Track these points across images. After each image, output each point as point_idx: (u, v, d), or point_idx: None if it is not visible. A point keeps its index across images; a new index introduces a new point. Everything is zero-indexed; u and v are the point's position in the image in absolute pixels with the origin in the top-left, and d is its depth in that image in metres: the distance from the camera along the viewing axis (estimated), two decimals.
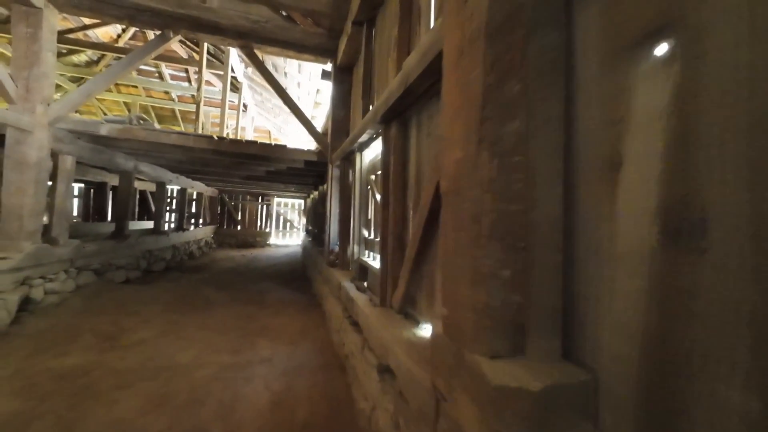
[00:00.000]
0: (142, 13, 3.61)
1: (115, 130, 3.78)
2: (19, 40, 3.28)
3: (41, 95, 3.37)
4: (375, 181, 2.88)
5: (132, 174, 5.45)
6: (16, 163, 3.23)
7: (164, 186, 6.80)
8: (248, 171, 6.24)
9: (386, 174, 2.14)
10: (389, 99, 1.91)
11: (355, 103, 3.95)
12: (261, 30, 3.85)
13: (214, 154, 4.44)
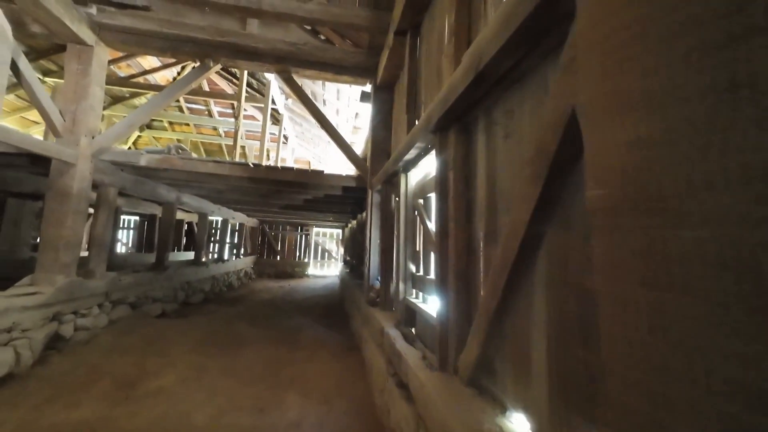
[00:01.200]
0: (184, 44, 3.61)
1: (154, 160, 3.72)
2: (70, 76, 3.37)
3: (87, 127, 3.38)
4: (424, 206, 2.41)
5: (174, 205, 5.48)
6: (57, 194, 3.20)
7: (206, 217, 6.85)
8: (286, 200, 6.09)
9: (443, 194, 1.68)
10: (449, 97, 1.48)
11: (397, 121, 3.61)
12: (299, 53, 3.71)
13: (251, 181, 4.26)
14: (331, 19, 3.13)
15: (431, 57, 2.40)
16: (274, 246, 12.27)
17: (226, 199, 6.88)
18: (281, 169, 4.01)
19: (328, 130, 4.05)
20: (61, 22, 3.04)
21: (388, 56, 3.25)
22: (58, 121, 3.24)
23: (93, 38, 3.40)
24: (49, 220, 3.16)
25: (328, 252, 12.99)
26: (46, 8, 2.86)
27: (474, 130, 1.58)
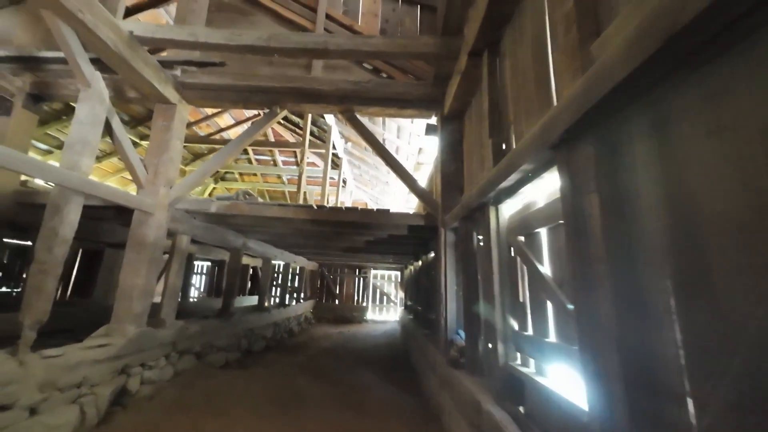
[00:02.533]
0: (254, 94, 3.73)
1: (223, 207, 3.75)
2: (155, 132, 3.60)
3: (166, 178, 3.52)
4: (528, 244, 1.92)
5: (241, 251, 5.55)
6: (135, 243, 3.27)
7: (269, 262, 6.91)
8: (347, 242, 5.89)
9: (577, 227, 1.20)
10: (587, 96, 1.06)
11: (469, 151, 3.24)
12: (362, 90, 3.63)
13: (313, 224, 4.11)
14: (397, 50, 2.99)
15: (522, 69, 2.03)
16: (332, 289, 12.12)
17: (288, 243, 6.92)
18: (344, 210, 3.80)
19: (394, 167, 3.80)
20: (152, 85, 3.29)
21: (458, 82, 2.98)
22: (141, 174, 3.41)
23: (177, 97, 3.64)
24: (126, 269, 3.21)
25: (386, 295, 12.47)
26: (141, 74, 3.10)
27: (623, 137, 1.13)
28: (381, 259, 9.29)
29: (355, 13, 4.26)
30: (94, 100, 2.82)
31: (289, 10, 4.14)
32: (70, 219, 2.57)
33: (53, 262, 2.48)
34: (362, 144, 6.92)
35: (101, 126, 2.91)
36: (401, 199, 8.81)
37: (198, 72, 3.67)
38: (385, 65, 4.00)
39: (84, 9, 2.49)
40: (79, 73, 2.72)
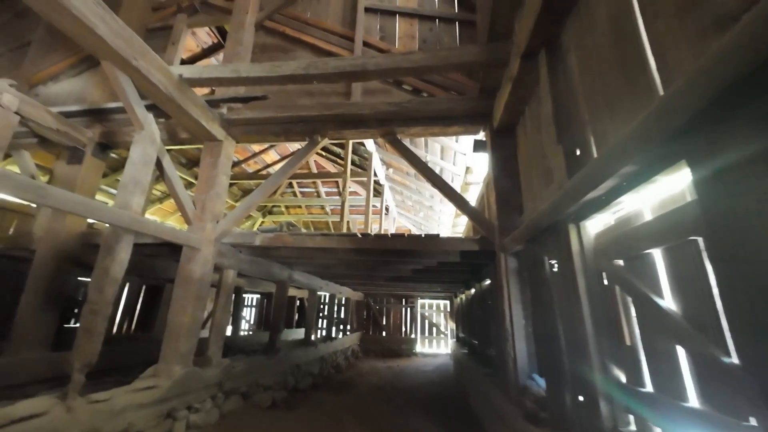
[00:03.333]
0: (295, 125, 3.73)
1: (267, 239, 3.67)
2: (203, 168, 3.69)
3: (212, 213, 3.54)
4: (632, 270, 1.49)
5: (286, 283, 5.47)
6: (182, 279, 3.26)
7: (315, 293, 6.77)
8: (393, 271, 5.58)
9: (736, 242, 0.81)
10: None
11: (527, 165, 2.88)
12: (403, 111, 3.46)
13: (358, 253, 3.89)
14: (440, 63, 2.79)
15: (597, 59, 1.70)
16: (379, 321, 11.70)
17: (333, 274, 6.77)
18: (390, 238, 3.55)
19: (441, 188, 3.52)
20: (200, 124, 3.40)
21: (510, 91, 2.68)
22: (190, 210, 3.46)
23: (223, 134, 3.74)
24: (174, 306, 3.18)
25: (435, 327, 11.76)
26: (190, 114, 3.21)
27: None
28: (429, 288, 8.80)
29: (391, 37, 4.22)
30: (147, 142, 2.91)
31: (327, 43, 4.20)
32: (121, 258, 2.59)
33: (103, 301, 2.47)
34: (404, 168, 6.77)
35: (152, 165, 2.99)
36: (447, 224, 8.43)
37: (242, 108, 3.76)
38: (425, 84, 3.84)
39: (138, 57, 2.62)
40: (134, 116, 2.84)
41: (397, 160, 6.42)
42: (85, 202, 2.23)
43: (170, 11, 4.86)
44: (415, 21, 4.23)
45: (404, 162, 6.51)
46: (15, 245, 4.11)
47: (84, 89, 4.54)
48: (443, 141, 4.95)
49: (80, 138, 3.98)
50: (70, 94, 4.58)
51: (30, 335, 3.52)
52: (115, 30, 2.42)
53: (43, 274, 3.67)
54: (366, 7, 4.31)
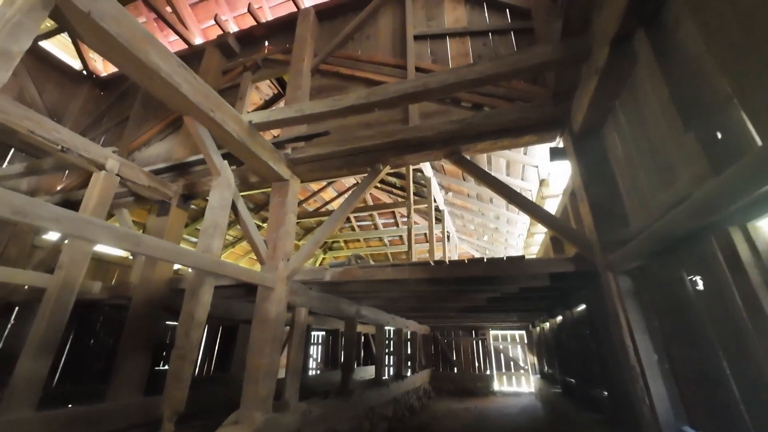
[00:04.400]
0: (357, 156, 3.71)
1: (336, 274, 3.58)
2: (273, 208, 3.79)
3: (283, 251, 3.56)
4: None
5: (355, 319, 5.30)
6: (259, 320, 3.24)
7: (383, 329, 6.50)
8: (465, 301, 5.16)
9: None
10: None
11: (628, 166, 2.45)
12: (467, 128, 3.26)
13: (430, 283, 3.61)
14: (509, 69, 2.58)
15: (736, 12, 1.36)
16: (449, 356, 10.91)
17: (399, 307, 6.48)
18: (467, 264, 3.23)
19: (520, 203, 3.17)
20: (268, 166, 3.52)
21: (596, 86, 2.36)
22: (263, 250, 3.52)
23: (288, 173, 3.85)
24: (252, 348, 3.14)
25: (513, 361, 10.62)
26: (259, 157, 3.35)
27: None
28: (503, 318, 8.04)
29: (444, 59, 4.15)
30: (223, 187, 3.05)
31: (380, 74, 4.25)
32: (204, 301, 2.62)
33: (190, 346, 2.48)
34: (465, 190, 6.47)
35: (228, 209, 3.10)
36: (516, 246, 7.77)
37: (305, 146, 3.86)
38: (486, 98, 3.63)
39: (214, 109, 2.80)
40: (211, 164, 3.00)
41: (457, 183, 6.17)
42: (172, 247, 2.30)
43: (237, 72, 5.38)
44: (467, 39, 4.13)
45: (465, 184, 6.23)
46: (116, 294, 4.52)
47: (169, 149, 5.09)
48: (509, 155, 4.62)
49: (167, 192, 4.38)
50: (158, 155, 5.17)
51: (126, 379, 3.71)
52: (195, 87, 2.62)
53: (137, 320, 3.93)
54: (415, 35, 4.34)
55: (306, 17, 5.01)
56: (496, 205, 6.22)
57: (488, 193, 5.87)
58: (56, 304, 3.22)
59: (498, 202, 6.10)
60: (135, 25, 2.21)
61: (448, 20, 4.33)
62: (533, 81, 3.58)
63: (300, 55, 4.68)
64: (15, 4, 1.74)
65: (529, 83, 3.58)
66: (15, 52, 1.71)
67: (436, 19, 4.42)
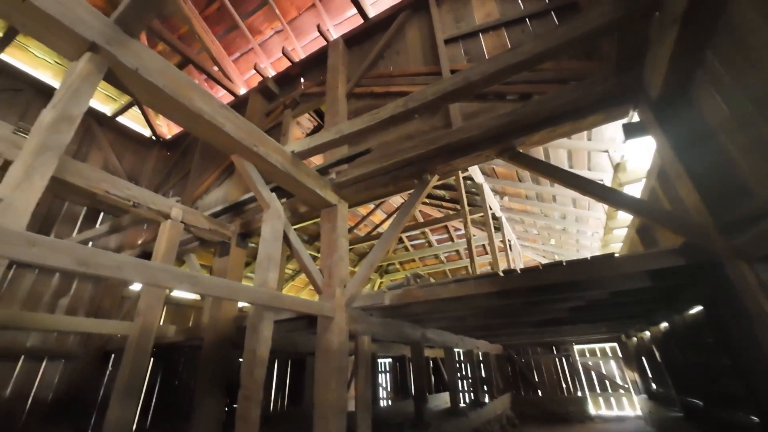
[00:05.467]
0: (402, 169, 3.56)
1: (396, 297, 3.35)
2: (324, 235, 3.73)
3: (339, 278, 3.44)
4: None
5: (421, 343, 4.97)
6: (322, 352, 3.10)
7: (452, 352, 6.04)
8: (543, 313, 4.58)
9: None
10: None
11: (743, 127, 1.95)
12: (519, 118, 2.95)
13: (501, 297, 3.22)
14: (559, 42, 2.27)
15: None
16: (529, 377, 9.85)
17: (467, 327, 5.99)
18: (542, 270, 2.81)
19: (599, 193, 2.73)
20: (315, 192, 3.50)
21: (677, 36, 1.95)
22: (318, 278, 3.43)
23: (336, 198, 3.79)
24: (318, 383, 2.99)
25: (608, 379, 9.24)
26: (305, 185, 3.34)
27: None
28: (589, 330, 7.07)
29: (480, 56, 3.91)
30: (274, 219, 3.05)
31: (414, 85, 4.13)
32: (265, 336, 2.55)
33: (255, 386, 2.39)
34: (522, 192, 5.97)
35: (281, 240, 3.08)
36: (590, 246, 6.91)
37: (349, 168, 3.80)
38: (533, 86, 3.30)
39: (258, 143, 2.85)
40: (260, 198, 3.03)
41: (512, 185, 5.70)
42: (227, 284, 2.27)
43: (278, 111, 5.64)
44: (501, 31, 3.87)
45: (521, 185, 5.74)
46: (190, 336, 4.73)
47: (226, 193, 5.40)
48: (570, 144, 4.14)
49: (226, 232, 4.58)
50: (217, 200, 5.50)
51: (204, 418, 3.76)
52: (237, 125, 2.68)
53: (209, 360, 4.02)
54: (445, 39, 4.19)
55: (335, 48, 5.14)
56: (560, 203, 5.61)
57: (550, 191, 5.32)
58: (137, 349, 3.39)
59: (562, 200, 5.49)
60: (178, 75, 2.32)
61: (478, 17, 4.12)
62: (586, 57, 3.19)
63: (334, 84, 4.76)
64: (75, 72, 1.89)
65: (581, 60, 3.19)
66: (76, 114, 1.83)
67: (466, 20, 4.24)
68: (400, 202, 10.25)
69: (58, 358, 5.30)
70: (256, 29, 6.70)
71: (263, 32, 6.74)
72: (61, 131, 1.73)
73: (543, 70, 3.28)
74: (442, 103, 2.82)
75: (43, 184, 1.65)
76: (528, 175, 5.37)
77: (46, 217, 5.79)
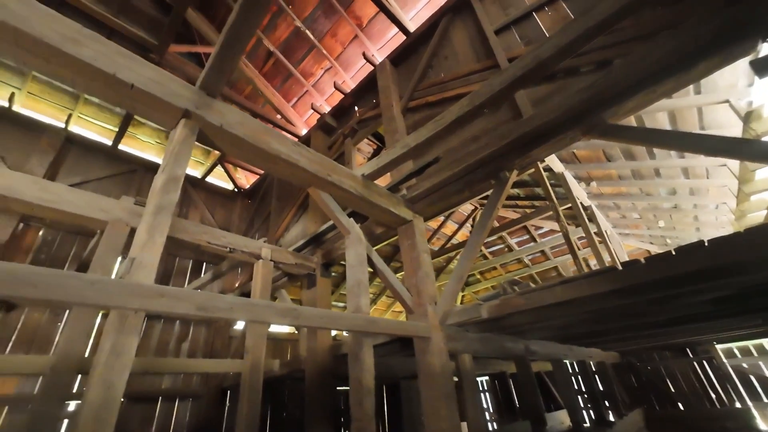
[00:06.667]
0: (475, 172, 3.35)
1: (494, 308, 3.07)
2: (404, 253, 3.64)
3: (428, 295, 3.30)
4: None
5: (525, 358, 4.50)
6: (425, 377, 2.93)
7: (562, 364, 5.36)
8: (674, 309, 3.83)
9: None
10: None
11: None
12: (603, 89, 2.57)
13: (621, 295, 2.73)
14: None
15: None
16: (662, 388, 8.30)
17: (574, 335, 5.29)
18: (676, 255, 2.32)
19: (726, 148, 2.21)
20: (389, 211, 3.47)
21: None
22: (407, 298, 3.32)
23: (410, 214, 3.71)
24: (427, 412, 2.80)
25: None
26: (379, 205, 3.34)
27: None
28: (734, 325, 5.74)
29: (538, 37, 3.62)
30: (355, 243, 3.06)
31: (470, 84, 3.96)
32: (368, 364, 2.49)
33: (366, 417, 2.31)
34: (613, 173, 5.24)
35: (366, 264, 3.07)
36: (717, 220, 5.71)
37: (419, 182, 3.71)
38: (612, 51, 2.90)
39: (331, 172, 2.92)
40: (339, 224, 3.08)
41: (600, 167, 5.04)
42: (327, 314, 2.28)
43: (339, 142, 5.87)
44: (559, 3, 3.55)
45: (611, 165, 5.05)
46: (292, 368, 4.92)
47: (304, 228, 5.70)
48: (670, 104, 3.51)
49: (311, 264, 4.78)
50: (297, 235, 5.82)
51: None
52: (310, 159, 2.79)
53: (313, 391, 4.10)
54: (495, 30, 3.98)
55: (383, 69, 5.25)
56: (666, 177, 4.76)
57: (650, 165, 4.55)
58: (251, 385, 3.60)
59: (669, 173, 4.64)
60: (255, 124, 2.50)
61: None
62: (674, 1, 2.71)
63: (388, 103, 4.82)
64: (174, 138, 2.13)
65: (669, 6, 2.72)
66: (179, 175, 2.05)
67: (514, 5, 4.00)
68: (470, 209, 9.84)
69: (187, 397, 5.93)
70: (308, 72, 7.22)
71: (314, 74, 7.23)
72: (170, 191, 1.93)
73: (621, 30, 2.88)
74: (509, 92, 2.60)
75: (163, 241, 1.83)
76: (618, 152, 4.70)
77: (164, 273, 6.71)
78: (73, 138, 6.29)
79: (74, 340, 2.78)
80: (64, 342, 2.80)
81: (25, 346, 4.81)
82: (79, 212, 3.04)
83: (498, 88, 2.49)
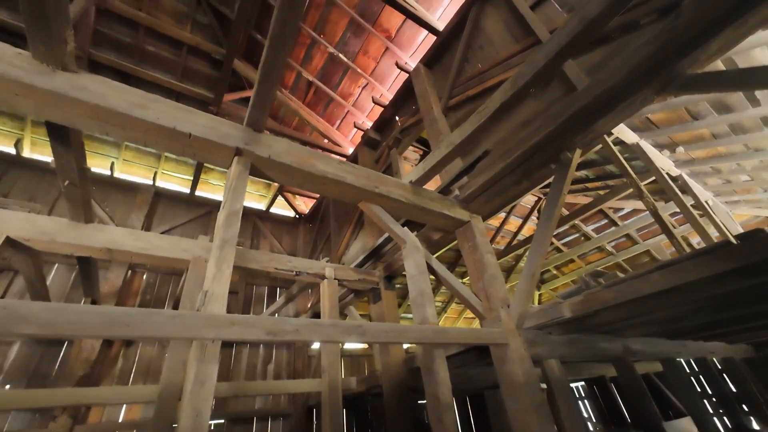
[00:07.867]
0: (531, 158, 3.07)
1: (578, 306, 2.73)
2: (466, 256, 3.45)
3: (498, 298, 3.06)
4: None
5: (626, 359, 3.92)
6: (508, 388, 2.68)
7: (675, 363, 4.58)
8: None
9: None
10: None
11: None
12: (675, 36, 2.18)
13: (740, 275, 2.23)
14: None
15: None
16: None
17: (687, 328, 4.49)
18: None
19: None
20: (443, 215, 3.34)
21: None
22: (476, 303, 3.12)
23: (466, 214, 3.53)
24: (515, 425, 2.55)
25: None
26: (431, 210, 3.24)
27: None
28: None
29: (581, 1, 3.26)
30: (413, 252, 2.98)
31: (511, 68, 3.70)
32: (442, 377, 2.35)
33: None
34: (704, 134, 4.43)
35: (426, 272, 2.96)
36: None
37: (470, 180, 3.53)
38: None
39: (378, 184, 2.91)
40: (394, 235, 3.03)
41: (685, 128, 4.30)
42: (392, 327, 2.21)
43: (385, 154, 5.91)
44: None
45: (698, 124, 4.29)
46: (370, 385, 4.92)
47: (363, 244, 5.77)
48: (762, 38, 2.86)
49: (374, 279, 4.79)
50: (357, 252, 5.91)
51: None
52: (356, 174, 2.81)
53: (393, 405, 4.03)
54: (531, 6, 3.70)
55: (418, 74, 5.19)
56: None
57: (753, 115, 3.75)
58: (331, 403, 3.65)
59: None
60: (300, 150, 2.60)
61: None
62: None
63: (427, 107, 4.73)
64: (230, 175, 2.29)
65: None
66: (238, 209, 2.18)
67: None
68: (533, 201, 9.15)
69: (278, 416, 6.26)
70: (347, 93, 7.47)
71: (353, 93, 7.45)
72: (232, 224, 2.06)
73: None
74: (556, 65, 2.35)
75: (230, 272, 1.94)
76: (706, 107, 3.97)
77: (245, 302, 7.28)
78: (160, 192, 7.26)
79: (174, 370, 3.09)
80: (167, 372, 3.13)
81: (143, 376, 5.53)
82: (166, 255, 3.44)
83: (543, 62, 2.27)
